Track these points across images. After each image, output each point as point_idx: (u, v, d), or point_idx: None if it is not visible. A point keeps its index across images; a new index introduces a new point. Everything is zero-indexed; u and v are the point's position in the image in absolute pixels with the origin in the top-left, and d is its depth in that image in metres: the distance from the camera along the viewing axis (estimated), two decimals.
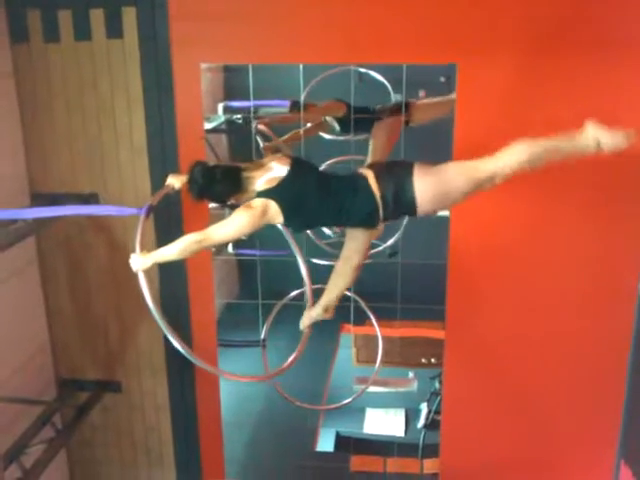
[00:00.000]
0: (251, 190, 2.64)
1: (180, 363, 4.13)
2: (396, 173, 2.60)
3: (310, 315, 3.24)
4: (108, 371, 4.25)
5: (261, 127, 3.86)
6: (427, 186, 2.54)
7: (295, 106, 3.99)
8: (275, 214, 2.58)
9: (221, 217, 4.10)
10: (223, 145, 4.84)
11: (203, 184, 2.61)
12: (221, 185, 2.62)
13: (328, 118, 4.08)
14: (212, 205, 3.84)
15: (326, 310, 3.19)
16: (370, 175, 2.62)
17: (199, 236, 2.55)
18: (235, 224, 2.56)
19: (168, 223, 3.71)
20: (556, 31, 3.25)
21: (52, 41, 3.60)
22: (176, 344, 2.67)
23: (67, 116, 3.72)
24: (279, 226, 3.06)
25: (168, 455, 4.40)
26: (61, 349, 4.25)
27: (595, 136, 2.38)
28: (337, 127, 4.08)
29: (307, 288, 3.42)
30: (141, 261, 2.59)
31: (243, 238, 2.96)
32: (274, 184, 2.61)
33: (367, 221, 2.72)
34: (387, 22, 3.32)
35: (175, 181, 2.87)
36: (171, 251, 2.57)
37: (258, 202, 2.58)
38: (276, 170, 2.64)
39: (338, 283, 3.10)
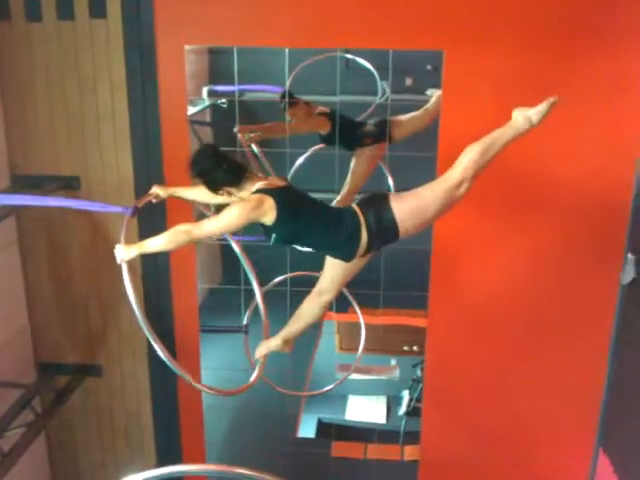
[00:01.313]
0: (248, 189, 2.63)
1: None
2: (375, 200, 2.69)
3: (268, 345, 3.19)
4: (89, 355, 4.22)
5: (240, 137, 3.88)
6: (404, 205, 2.61)
7: (285, 97, 3.96)
8: (269, 209, 2.54)
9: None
10: (207, 130, 4.81)
11: (208, 165, 2.59)
12: (223, 173, 2.60)
13: None
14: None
15: (286, 342, 3.15)
16: (355, 207, 2.69)
17: (189, 227, 2.52)
18: (227, 215, 2.53)
19: (152, 222, 3.68)
20: (546, 18, 3.24)
21: (34, 20, 3.54)
22: (157, 348, 2.66)
23: (49, 97, 3.66)
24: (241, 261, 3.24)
25: (148, 439, 4.39)
26: (41, 332, 4.21)
27: (525, 118, 2.56)
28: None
29: (263, 318, 3.36)
30: (126, 251, 2.53)
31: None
32: (272, 187, 2.63)
33: (349, 247, 2.69)
34: (374, 6, 3.30)
35: (160, 191, 2.85)
36: (159, 241, 2.52)
37: (254, 196, 2.57)
38: (275, 182, 2.68)
39: (304, 319, 3.08)
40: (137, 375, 4.23)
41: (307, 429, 5.23)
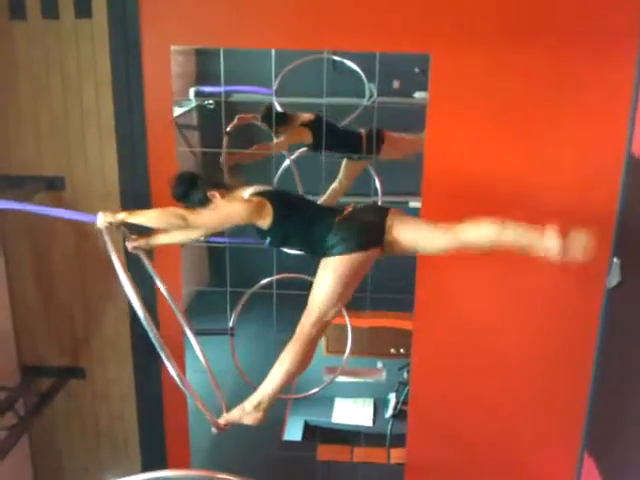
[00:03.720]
0: (238, 195, 2.62)
1: (146, 350, 4.09)
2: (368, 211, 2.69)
3: (232, 415, 2.71)
4: (72, 357, 4.18)
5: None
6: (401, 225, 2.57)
7: (267, 116, 3.95)
8: (267, 214, 2.54)
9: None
10: (193, 130, 4.79)
11: (188, 183, 2.60)
12: (205, 180, 2.62)
13: None
14: None
15: (258, 407, 2.63)
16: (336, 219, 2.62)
17: (185, 212, 2.44)
18: (228, 209, 2.51)
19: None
20: (536, 23, 3.25)
21: (18, 18, 3.50)
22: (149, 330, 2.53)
23: (32, 96, 3.62)
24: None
25: (133, 443, 4.36)
26: (25, 334, 4.17)
27: (556, 245, 2.38)
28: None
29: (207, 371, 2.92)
30: (110, 215, 2.40)
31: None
32: (268, 190, 2.64)
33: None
34: (361, 9, 3.29)
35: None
36: (149, 214, 2.45)
37: (255, 199, 2.55)
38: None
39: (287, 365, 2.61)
40: (121, 378, 4.19)
41: (293, 432, 5.19)
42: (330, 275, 2.52)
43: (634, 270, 3.35)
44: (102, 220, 2.40)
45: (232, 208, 2.51)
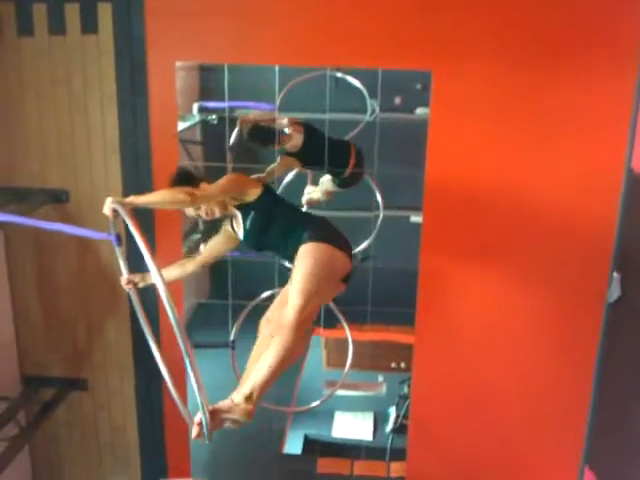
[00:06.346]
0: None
1: (147, 361, 4.10)
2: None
3: (220, 406, 2.30)
4: (74, 368, 4.20)
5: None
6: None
7: (253, 135, 3.97)
8: (258, 185, 2.90)
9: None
10: (197, 146, 4.82)
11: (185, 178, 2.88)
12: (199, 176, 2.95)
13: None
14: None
15: (249, 398, 2.26)
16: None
17: (189, 188, 2.68)
18: (225, 178, 2.82)
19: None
20: (534, 41, 3.30)
21: (25, 34, 3.56)
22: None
23: (38, 110, 3.67)
24: None
25: (134, 454, 4.36)
26: (27, 345, 4.19)
27: None
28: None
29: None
30: (112, 201, 2.36)
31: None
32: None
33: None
34: (362, 26, 3.34)
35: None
36: (158, 194, 2.62)
37: None
38: None
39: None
40: (123, 390, 4.20)
41: (293, 445, 5.18)
42: (305, 258, 2.63)
43: (634, 284, 3.37)
44: (108, 204, 2.37)
45: (228, 177, 2.84)
